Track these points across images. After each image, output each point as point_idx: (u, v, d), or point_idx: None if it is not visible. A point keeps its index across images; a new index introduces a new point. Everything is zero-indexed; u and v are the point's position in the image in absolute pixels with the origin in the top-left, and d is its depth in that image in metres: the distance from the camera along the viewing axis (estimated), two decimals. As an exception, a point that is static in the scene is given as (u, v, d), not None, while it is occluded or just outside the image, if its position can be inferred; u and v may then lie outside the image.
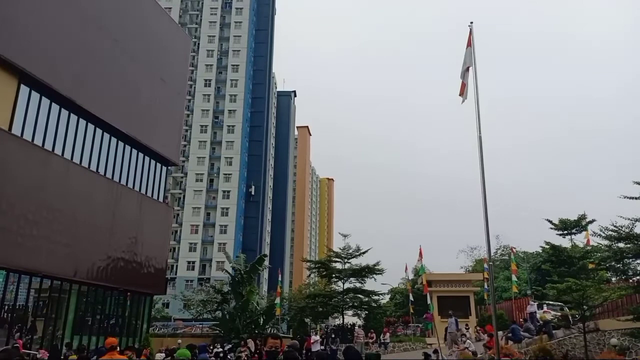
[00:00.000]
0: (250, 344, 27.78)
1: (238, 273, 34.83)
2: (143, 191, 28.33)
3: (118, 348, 9.77)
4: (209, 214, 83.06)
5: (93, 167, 24.51)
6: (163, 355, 19.00)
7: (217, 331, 34.99)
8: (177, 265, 78.65)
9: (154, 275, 28.59)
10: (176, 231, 77.98)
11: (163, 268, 30.18)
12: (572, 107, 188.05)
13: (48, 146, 21.74)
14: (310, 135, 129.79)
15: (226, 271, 39.53)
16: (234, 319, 32.95)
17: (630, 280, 17.62)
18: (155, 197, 29.48)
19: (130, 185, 27.21)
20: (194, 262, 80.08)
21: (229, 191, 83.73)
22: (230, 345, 29.03)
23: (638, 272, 16.89)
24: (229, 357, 25.27)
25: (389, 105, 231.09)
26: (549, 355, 14.74)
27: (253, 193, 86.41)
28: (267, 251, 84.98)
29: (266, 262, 42.89)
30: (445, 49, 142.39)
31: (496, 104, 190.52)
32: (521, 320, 27.05)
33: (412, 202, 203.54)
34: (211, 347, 26.21)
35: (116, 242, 25.18)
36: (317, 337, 28.15)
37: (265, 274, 77.66)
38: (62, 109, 22.65)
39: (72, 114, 23.20)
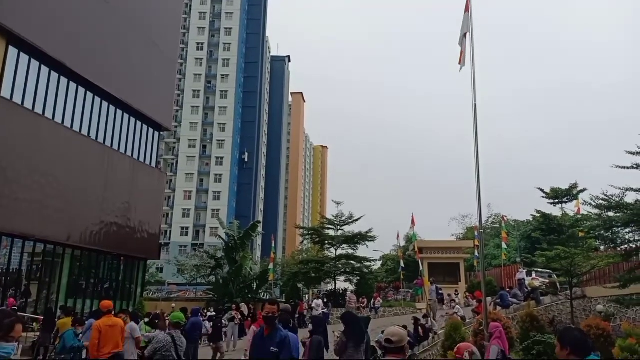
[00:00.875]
0: (244, 307, 28.19)
1: (232, 239, 35.03)
2: (135, 156, 28.16)
3: (113, 311, 9.87)
4: (202, 180, 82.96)
5: (84, 132, 24.26)
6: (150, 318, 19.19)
7: (211, 295, 35.42)
8: (170, 231, 79.00)
9: (148, 240, 28.72)
10: (169, 197, 77.99)
11: (156, 233, 30.29)
12: (571, 97, 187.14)
13: (38, 110, 21.42)
14: (304, 102, 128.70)
15: (220, 237, 39.78)
16: (227, 284, 33.33)
17: (619, 249, 17.91)
18: (147, 162, 29.33)
19: (122, 150, 27.02)
20: (187, 228, 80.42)
21: (222, 157, 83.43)
22: (223, 309, 29.44)
23: (626, 240, 17.14)
24: (223, 320, 25.67)
25: (387, 89, 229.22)
26: (536, 320, 15.05)
27: (246, 160, 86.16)
28: (260, 218, 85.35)
29: (260, 229, 43.09)
30: (443, 47, 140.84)
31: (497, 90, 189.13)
32: (508, 289, 27.53)
33: (406, 175, 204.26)
34: (205, 311, 26.56)
35: (109, 207, 25.17)
36: (319, 302, 28.13)
37: (258, 241, 78.24)
38: (52, 72, 22.22)
39: (62, 77, 22.79)
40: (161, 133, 32.41)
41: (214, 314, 27.40)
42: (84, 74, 23.58)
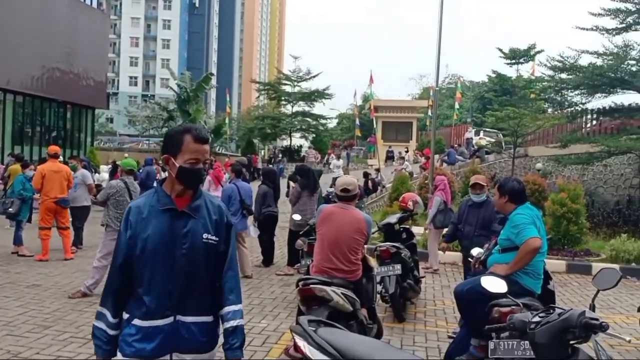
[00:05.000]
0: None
1: (184, 91, 34.01)
2: (73, -6, 25.58)
3: (60, 157, 9.60)
4: (149, 25, 77.49)
5: (11, -38, 21.48)
6: (110, 167, 19.12)
7: (165, 147, 35.32)
8: (118, 80, 75.54)
9: (94, 87, 27.51)
10: (114, 43, 72.97)
11: (103, 81, 28.98)
12: None
13: None
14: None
15: (171, 88, 38.44)
16: (181, 136, 33.11)
17: (565, 111, 18.59)
18: (87, 2, 26.85)
19: (57, -14, 24.39)
20: (136, 78, 77.01)
21: (170, 1, 77.18)
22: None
23: (573, 103, 17.73)
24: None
25: None
26: (478, 176, 15.88)
27: (197, 5, 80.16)
28: (214, 70, 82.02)
29: (213, 82, 41.85)
30: None
31: None
32: (456, 146, 28.71)
33: (368, 32, 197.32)
34: (159, 161, 26.59)
35: (50, 51, 23.46)
36: (340, 162, 24.05)
37: (212, 94, 76.37)
38: None
39: None
40: (101, -31, 29.16)
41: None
42: None
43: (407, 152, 30.97)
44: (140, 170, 14.37)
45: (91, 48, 26.73)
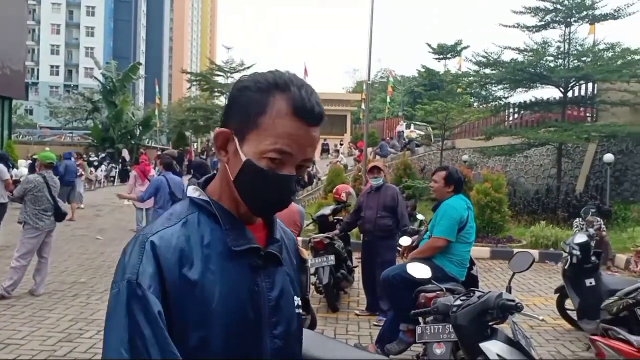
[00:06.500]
0: (125, 153, 27.41)
1: (109, 81, 32.48)
2: (-16, -25, 23.65)
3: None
4: (71, 12, 73.26)
5: None
6: (29, 162, 17.98)
7: (90, 140, 33.71)
8: (38, 69, 71.01)
9: (11, 77, 25.64)
10: (34, 30, 68.47)
11: (20, 70, 27.08)
12: None
13: None
14: None
15: (96, 78, 36.58)
16: (107, 129, 31.70)
17: (489, 105, 19.49)
18: (1, -16, 24.89)
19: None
20: (58, 67, 72.68)
21: (94, -13, 73.43)
22: (104, 154, 28.39)
23: (497, 97, 18.64)
24: (103, 164, 24.87)
25: None
26: (408, 168, 16.40)
27: (124, -8, 76.81)
28: (142, 60, 78.89)
29: (141, 72, 40.28)
30: None
31: None
32: (388, 139, 29.42)
33: (301, 19, 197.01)
34: (83, 156, 25.37)
35: (-44, 36, 21.60)
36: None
37: (141, 85, 73.49)
38: None
39: None
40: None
41: (94, 158, 26.38)
42: None
43: (341, 144, 31.35)
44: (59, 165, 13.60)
45: (6, 34, 24.86)
